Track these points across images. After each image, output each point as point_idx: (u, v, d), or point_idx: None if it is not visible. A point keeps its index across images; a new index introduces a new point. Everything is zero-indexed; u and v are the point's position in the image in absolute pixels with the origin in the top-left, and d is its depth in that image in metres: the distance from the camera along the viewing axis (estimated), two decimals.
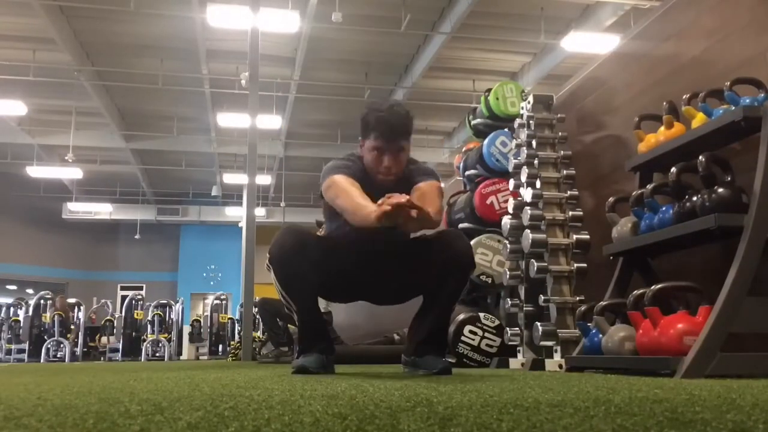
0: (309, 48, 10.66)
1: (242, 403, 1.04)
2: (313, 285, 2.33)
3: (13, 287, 19.70)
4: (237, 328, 12.01)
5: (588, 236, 3.14)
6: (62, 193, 17.48)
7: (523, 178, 3.33)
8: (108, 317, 12.57)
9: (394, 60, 11.69)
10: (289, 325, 5.24)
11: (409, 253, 2.42)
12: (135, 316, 12.02)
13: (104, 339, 12.16)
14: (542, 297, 3.12)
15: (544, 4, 9.53)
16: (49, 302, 11.52)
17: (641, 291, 2.22)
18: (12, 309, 12.06)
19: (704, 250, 2.52)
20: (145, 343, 11.48)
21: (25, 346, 11.06)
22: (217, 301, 12.85)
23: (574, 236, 3.15)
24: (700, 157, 2.24)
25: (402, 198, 1.97)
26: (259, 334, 8.41)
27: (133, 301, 12.27)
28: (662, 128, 2.61)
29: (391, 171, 2.33)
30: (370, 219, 2.02)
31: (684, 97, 2.48)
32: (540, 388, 1.37)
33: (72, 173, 15.67)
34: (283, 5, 8.85)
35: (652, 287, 2.18)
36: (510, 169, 3.49)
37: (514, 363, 3.31)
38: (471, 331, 3.64)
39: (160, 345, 11.53)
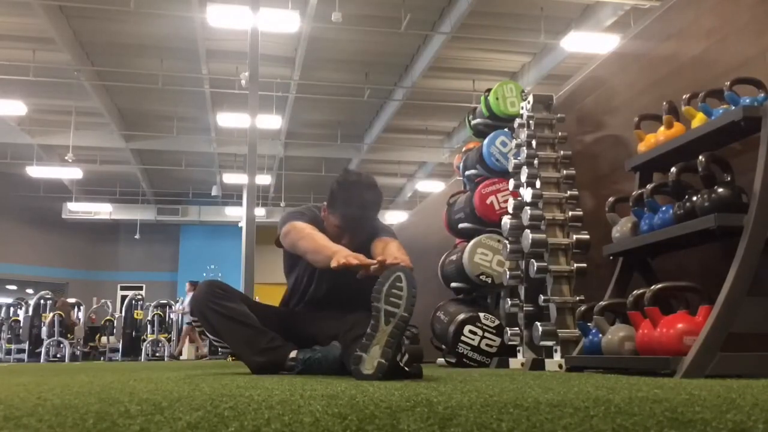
0: (309, 48, 10.66)
1: (242, 403, 1.04)
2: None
3: (13, 287, 19.71)
4: None
5: (588, 236, 3.14)
6: (62, 193, 17.49)
7: (523, 178, 3.33)
8: (108, 317, 12.58)
9: (394, 60, 11.69)
10: None
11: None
12: (135, 316, 12.03)
13: (104, 339, 12.18)
14: (542, 297, 3.12)
15: (544, 4, 9.53)
16: (49, 302, 11.53)
17: (641, 291, 2.22)
18: (12, 309, 12.07)
19: (704, 250, 2.52)
20: (145, 343, 11.49)
21: (25, 346, 11.07)
22: None
23: (574, 236, 3.15)
24: (700, 157, 2.24)
25: (370, 261, 2.05)
26: None
27: (133, 301, 12.28)
28: (662, 128, 2.61)
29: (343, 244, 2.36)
30: (328, 261, 2.09)
31: (684, 97, 2.48)
32: (540, 388, 1.37)
33: (72, 173, 15.68)
34: (283, 5, 8.86)
35: (652, 287, 2.18)
36: (510, 169, 3.49)
37: (514, 363, 3.31)
38: (471, 331, 3.64)
39: (160, 345, 11.54)
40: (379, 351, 1.87)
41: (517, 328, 3.32)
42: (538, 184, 3.29)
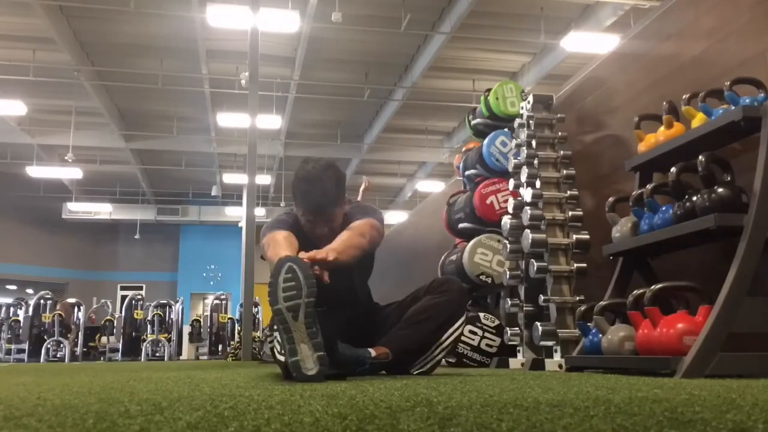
0: (309, 48, 10.66)
1: (242, 403, 1.04)
2: None
3: (13, 287, 19.71)
4: (237, 328, 12.03)
5: (588, 236, 3.14)
6: (62, 193, 17.48)
7: (523, 178, 3.33)
8: (108, 317, 12.57)
9: (394, 60, 11.69)
10: None
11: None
12: (135, 316, 12.02)
13: (104, 339, 12.17)
14: (542, 297, 3.12)
15: (544, 4, 9.53)
16: (49, 302, 11.52)
17: (641, 291, 2.22)
18: (12, 309, 12.06)
19: (704, 250, 2.52)
20: (145, 343, 11.48)
21: (25, 346, 11.07)
22: (217, 301, 12.85)
23: (574, 236, 3.15)
24: (700, 157, 2.24)
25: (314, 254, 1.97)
26: (259, 333, 8.41)
27: (133, 301, 12.28)
28: (662, 128, 2.61)
29: (326, 236, 2.29)
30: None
31: (684, 97, 2.48)
32: (540, 388, 1.36)
33: (72, 173, 15.67)
34: (283, 5, 8.85)
35: (652, 287, 2.18)
36: (510, 169, 3.49)
37: (514, 363, 3.31)
38: (471, 331, 3.64)
39: (160, 345, 11.53)
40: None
41: (517, 328, 3.32)
42: (538, 184, 3.29)
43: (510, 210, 3.39)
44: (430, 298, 2.37)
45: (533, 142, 3.40)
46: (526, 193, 3.29)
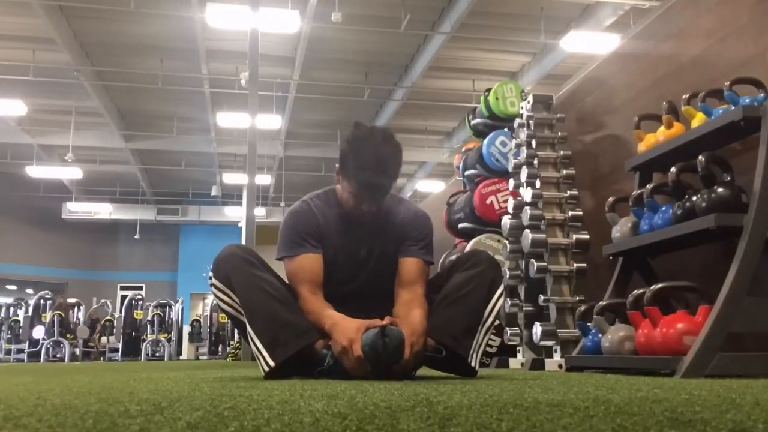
0: (309, 48, 10.66)
1: (242, 403, 1.04)
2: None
3: (13, 287, 19.71)
4: None
5: (588, 236, 3.14)
6: (62, 193, 17.48)
7: (523, 177, 3.33)
8: (108, 317, 12.57)
9: (394, 60, 11.69)
10: None
11: None
12: (135, 316, 12.03)
13: (104, 339, 12.17)
14: (542, 297, 3.12)
15: (543, 4, 9.53)
16: (49, 302, 11.52)
17: (641, 291, 2.22)
18: (12, 309, 12.06)
19: (704, 250, 2.52)
20: (144, 343, 11.49)
21: (25, 346, 11.07)
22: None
23: (574, 236, 3.15)
24: (700, 157, 2.24)
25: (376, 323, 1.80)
26: None
27: (133, 301, 12.28)
28: (662, 128, 2.61)
29: (369, 214, 2.08)
30: (321, 326, 1.91)
31: (684, 97, 2.49)
32: (540, 388, 1.36)
33: (72, 173, 15.67)
34: (283, 5, 8.85)
35: (652, 287, 2.18)
36: (510, 168, 3.49)
37: (514, 363, 3.31)
38: None
39: (160, 345, 11.54)
40: None
41: (517, 328, 3.32)
42: (538, 184, 3.29)
43: (510, 210, 3.39)
44: (460, 275, 2.04)
45: (533, 142, 3.40)
46: (526, 193, 3.29)
